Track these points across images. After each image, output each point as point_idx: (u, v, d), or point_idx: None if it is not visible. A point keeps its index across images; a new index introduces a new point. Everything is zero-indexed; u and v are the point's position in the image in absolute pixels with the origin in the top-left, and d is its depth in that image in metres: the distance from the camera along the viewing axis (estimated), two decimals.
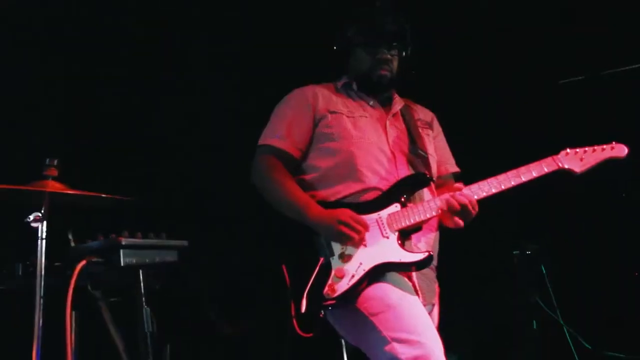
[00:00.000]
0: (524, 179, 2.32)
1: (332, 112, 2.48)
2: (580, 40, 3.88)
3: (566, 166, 2.35)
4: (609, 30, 3.80)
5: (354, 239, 2.23)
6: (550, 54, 4.02)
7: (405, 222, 2.28)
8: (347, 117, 2.47)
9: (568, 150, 2.38)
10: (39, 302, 2.35)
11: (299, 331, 2.20)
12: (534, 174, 2.33)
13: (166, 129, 3.80)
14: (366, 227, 2.26)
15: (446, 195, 2.31)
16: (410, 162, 2.43)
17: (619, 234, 4.01)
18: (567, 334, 3.77)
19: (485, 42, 4.06)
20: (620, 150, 2.36)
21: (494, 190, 2.32)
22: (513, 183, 2.32)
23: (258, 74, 3.88)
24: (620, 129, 2.46)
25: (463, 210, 2.28)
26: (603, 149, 2.37)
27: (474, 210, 2.31)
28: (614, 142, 2.38)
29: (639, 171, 3.17)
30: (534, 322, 3.70)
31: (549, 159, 2.36)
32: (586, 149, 2.38)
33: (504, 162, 2.40)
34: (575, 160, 2.36)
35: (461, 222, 2.32)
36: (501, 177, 2.33)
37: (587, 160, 2.35)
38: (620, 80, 3.38)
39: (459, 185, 2.36)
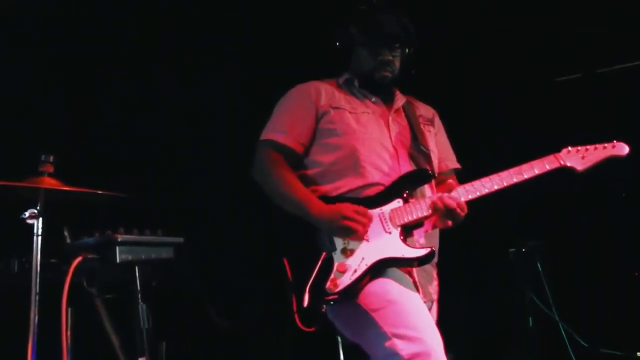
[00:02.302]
0: (526, 176, 2.31)
1: (334, 108, 2.46)
2: (577, 39, 3.89)
3: (568, 164, 2.34)
4: (607, 29, 3.81)
5: (359, 231, 2.21)
6: (548, 52, 4.03)
7: (408, 218, 2.26)
8: (350, 112, 2.46)
9: (569, 148, 2.37)
10: (34, 298, 2.33)
11: (300, 326, 2.19)
12: (536, 171, 2.32)
13: (163, 127, 3.77)
14: (370, 219, 2.24)
15: (435, 196, 2.29)
16: (413, 158, 2.42)
17: (615, 231, 4.01)
18: (562, 332, 3.75)
19: (484, 40, 4.06)
20: (621, 148, 2.35)
21: (496, 187, 2.31)
22: (515, 180, 2.31)
23: (258, 73, 3.87)
24: (617, 125, 2.45)
25: (449, 213, 2.26)
26: (604, 147, 2.36)
27: (463, 212, 2.28)
28: (614, 141, 2.37)
29: (638, 170, 3.17)
30: (530, 319, 3.69)
31: (551, 157, 2.35)
32: (587, 147, 2.37)
33: (501, 157, 2.40)
34: (577, 158, 2.35)
35: (449, 223, 2.30)
36: (503, 174, 2.32)
37: (588, 158, 2.34)
38: (617, 78, 3.39)
39: (451, 183, 2.35)
